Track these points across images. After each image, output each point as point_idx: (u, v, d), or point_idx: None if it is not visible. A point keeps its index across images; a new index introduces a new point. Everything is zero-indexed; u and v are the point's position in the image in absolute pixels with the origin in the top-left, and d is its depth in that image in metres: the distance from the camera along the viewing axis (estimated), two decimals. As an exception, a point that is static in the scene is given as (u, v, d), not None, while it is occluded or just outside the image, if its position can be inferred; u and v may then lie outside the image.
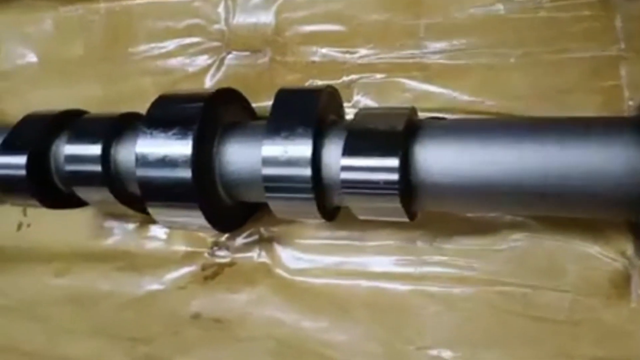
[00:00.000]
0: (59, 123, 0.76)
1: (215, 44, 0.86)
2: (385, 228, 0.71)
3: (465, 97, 0.71)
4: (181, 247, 0.83)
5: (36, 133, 0.74)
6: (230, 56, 0.85)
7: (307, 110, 0.62)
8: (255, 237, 0.78)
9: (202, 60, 0.87)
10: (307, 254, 0.75)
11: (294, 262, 0.76)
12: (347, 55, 0.78)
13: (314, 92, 0.64)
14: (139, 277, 0.81)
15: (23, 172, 0.72)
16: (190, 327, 0.76)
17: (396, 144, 0.55)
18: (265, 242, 0.78)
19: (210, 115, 0.66)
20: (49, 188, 0.75)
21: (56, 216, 0.83)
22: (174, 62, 0.88)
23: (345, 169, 0.57)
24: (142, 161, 0.65)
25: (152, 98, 0.88)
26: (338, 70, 0.78)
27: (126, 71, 0.92)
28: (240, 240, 0.79)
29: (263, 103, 0.80)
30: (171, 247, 0.83)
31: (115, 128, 0.72)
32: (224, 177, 0.66)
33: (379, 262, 0.71)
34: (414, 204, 0.58)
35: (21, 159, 0.72)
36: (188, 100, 0.68)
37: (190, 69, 0.87)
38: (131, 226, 0.86)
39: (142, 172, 0.65)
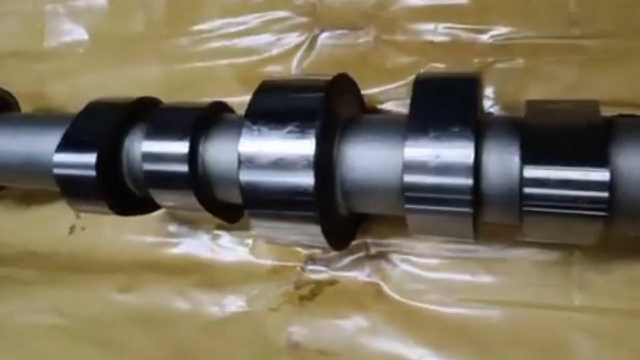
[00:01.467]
0: (131, 114, 0.63)
1: (304, 19, 0.73)
2: (529, 245, 0.59)
3: (636, 88, 0.58)
4: (267, 261, 0.71)
5: (105, 126, 0.61)
6: (324, 34, 0.72)
7: (461, 103, 0.49)
8: (361, 252, 0.66)
9: (289, 39, 0.74)
10: (426, 273, 0.63)
11: (410, 283, 0.64)
12: (476, 35, 0.64)
13: (467, 81, 0.51)
14: (219, 295, 0.69)
15: (92, 172, 0.59)
16: (289, 358, 0.64)
17: (599, 151, 0.42)
18: (373, 257, 0.65)
19: (330, 108, 0.53)
20: (120, 191, 0.63)
21: (114, 218, 0.70)
22: (254, 41, 0.75)
23: (531, 182, 0.44)
24: (248, 163, 0.52)
25: (227, 83, 0.77)
26: (465, 52, 0.64)
27: (194, 51, 0.79)
28: (341, 255, 0.66)
29: (370, 90, 0.67)
30: (255, 260, 0.71)
31: (202, 121, 0.59)
32: (345, 184, 0.53)
33: (522, 287, 0.59)
34: (615, 225, 0.45)
35: (89, 157, 0.59)
36: (300, 89, 0.55)
37: (275, 50, 0.74)
38: (204, 233, 0.74)
39: (247, 176, 0.52)
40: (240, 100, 0.74)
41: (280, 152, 0.51)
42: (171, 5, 0.80)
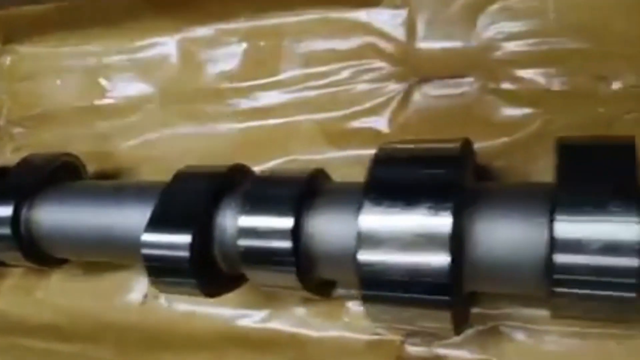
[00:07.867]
0: (223, 185, 0.58)
1: (397, 69, 0.67)
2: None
3: None
4: (363, 335, 0.64)
5: (196, 202, 0.56)
6: (421, 85, 0.66)
7: (622, 173, 0.42)
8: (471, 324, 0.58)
9: (382, 90, 0.68)
10: (548, 347, 0.56)
11: (530, 358, 0.56)
12: (599, 82, 0.58)
13: (627, 146, 0.44)
14: (318, 374, 0.63)
15: (185, 253, 0.54)
16: None
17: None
18: (484, 331, 0.58)
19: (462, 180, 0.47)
20: (210, 269, 0.57)
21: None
22: (343, 93, 0.70)
23: None
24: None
25: (312, 140, 0.71)
26: (590, 103, 0.58)
27: (273, 105, 0.73)
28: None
29: (477, 146, 0.61)
30: (351, 334, 0.64)
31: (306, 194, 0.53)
32: (477, 265, 0.47)
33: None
34: None
35: (183, 238, 0.54)
36: (426, 158, 0.49)
37: (364, 103, 0.68)
38: (291, 306, 0.68)
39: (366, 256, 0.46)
40: (326, 158, 0.69)
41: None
42: (248, 56, 0.75)
